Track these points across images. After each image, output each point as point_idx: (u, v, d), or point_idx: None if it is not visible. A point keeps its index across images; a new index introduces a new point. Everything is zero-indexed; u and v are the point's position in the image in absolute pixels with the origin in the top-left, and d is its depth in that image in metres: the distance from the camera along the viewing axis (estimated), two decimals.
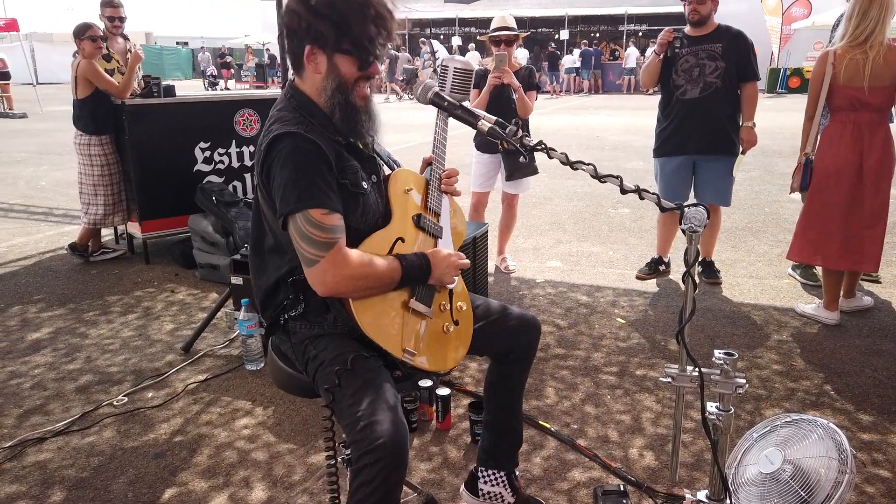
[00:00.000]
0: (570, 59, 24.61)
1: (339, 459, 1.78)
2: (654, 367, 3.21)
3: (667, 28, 4.14)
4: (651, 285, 4.37)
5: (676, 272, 4.58)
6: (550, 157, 1.63)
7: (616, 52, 26.70)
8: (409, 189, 1.83)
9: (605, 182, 1.58)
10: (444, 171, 1.89)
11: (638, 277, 4.48)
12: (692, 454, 2.51)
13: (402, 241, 1.76)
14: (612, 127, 13.47)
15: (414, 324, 1.74)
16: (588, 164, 1.60)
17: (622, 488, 2.28)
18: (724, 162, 4.15)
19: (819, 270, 4.16)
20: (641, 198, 1.58)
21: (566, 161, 1.61)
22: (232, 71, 29.40)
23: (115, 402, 2.92)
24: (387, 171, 1.91)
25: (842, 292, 3.79)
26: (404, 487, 2.30)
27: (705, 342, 3.47)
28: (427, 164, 1.91)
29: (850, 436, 2.60)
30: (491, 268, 4.60)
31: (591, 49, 24.65)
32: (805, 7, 22.14)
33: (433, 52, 25.19)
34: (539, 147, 1.63)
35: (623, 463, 2.47)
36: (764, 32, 22.62)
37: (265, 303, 1.80)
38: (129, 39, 5.31)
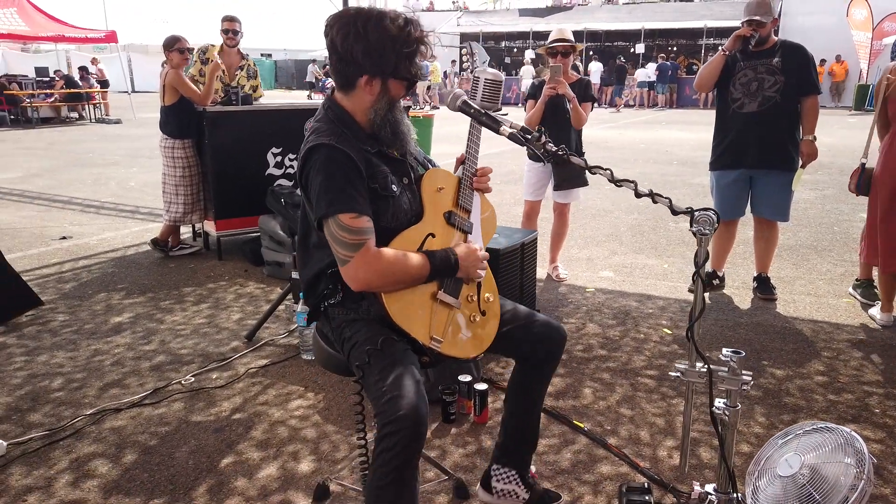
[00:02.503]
0: (644, 73, 24.30)
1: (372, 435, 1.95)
2: None
3: (746, 28, 4.02)
4: None
5: (731, 287, 4.57)
6: (569, 163, 1.77)
7: (694, 67, 26.19)
8: (440, 188, 1.98)
9: (621, 186, 1.70)
10: (476, 169, 2.04)
11: (690, 290, 4.48)
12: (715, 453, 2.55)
13: (433, 236, 1.91)
14: (683, 142, 13.27)
15: (441, 314, 1.89)
16: (606, 169, 1.72)
17: (646, 486, 2.36)
18: (782, 177, 4.12)
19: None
20: (654, 202, 1.69)
21: (585, 166, 1.74)
22: None
23: (182, 381, 3.20)
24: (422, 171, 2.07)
25: None
26: (436, 471, 2.46)
27: (752, 356, 3.48)
28: (460, 162, 2.06)
29: (887, 449, 2.59)
30: (542, 275, 4.71)
31: (667, 63, 24.27)
32: None
33: (472, 55, 25.67)
34: (561, 153, 1.77)
35: (652, 463, 2.55)
36: (851, 47, 21.76)
37: (308, 292, 2.00)
38: (246, 58, 5.74)
